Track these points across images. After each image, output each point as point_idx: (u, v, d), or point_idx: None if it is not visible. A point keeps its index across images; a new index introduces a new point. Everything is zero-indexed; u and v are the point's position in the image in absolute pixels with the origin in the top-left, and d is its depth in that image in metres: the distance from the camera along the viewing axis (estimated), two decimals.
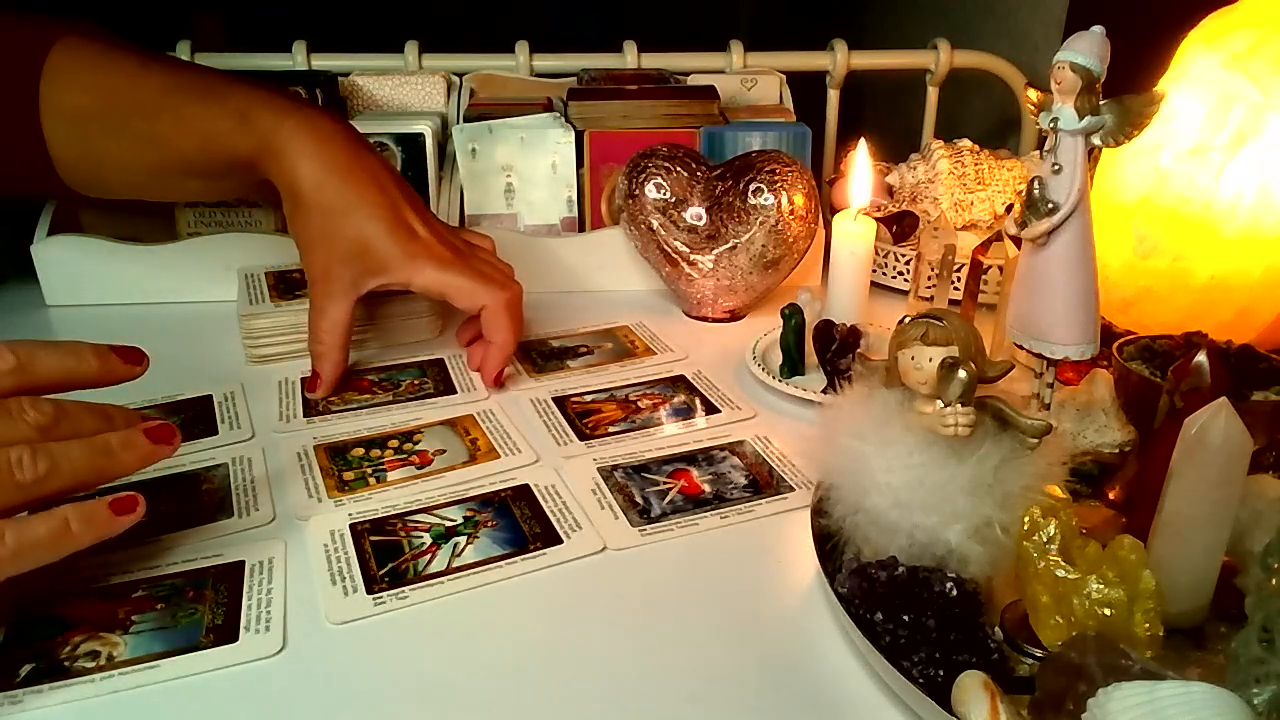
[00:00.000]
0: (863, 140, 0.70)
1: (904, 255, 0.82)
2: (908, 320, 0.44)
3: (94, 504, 0.42)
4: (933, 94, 1.03)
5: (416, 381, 0.67)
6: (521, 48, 0.96)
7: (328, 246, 0.63)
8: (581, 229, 0.84)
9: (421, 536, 0.51)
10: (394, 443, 0.60)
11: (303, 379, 0.67)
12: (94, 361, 0.46)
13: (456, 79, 0.93)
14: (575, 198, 0.83)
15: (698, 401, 0.65)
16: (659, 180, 0.75)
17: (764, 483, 0.56)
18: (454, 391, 0.66)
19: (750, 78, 0.95)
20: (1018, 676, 0.41)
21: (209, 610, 0.45)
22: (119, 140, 0.64)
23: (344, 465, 0.57)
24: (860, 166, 0.68)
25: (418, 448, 0.59)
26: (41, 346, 0.45)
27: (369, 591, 0.47)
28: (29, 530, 0.40)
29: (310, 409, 0.63)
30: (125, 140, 0.64)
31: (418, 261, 0.63)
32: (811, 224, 0.75)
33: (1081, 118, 0.46)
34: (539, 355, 0.72)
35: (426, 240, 0.64)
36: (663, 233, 0.75)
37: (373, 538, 0.51)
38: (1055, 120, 0.46)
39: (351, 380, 0.67)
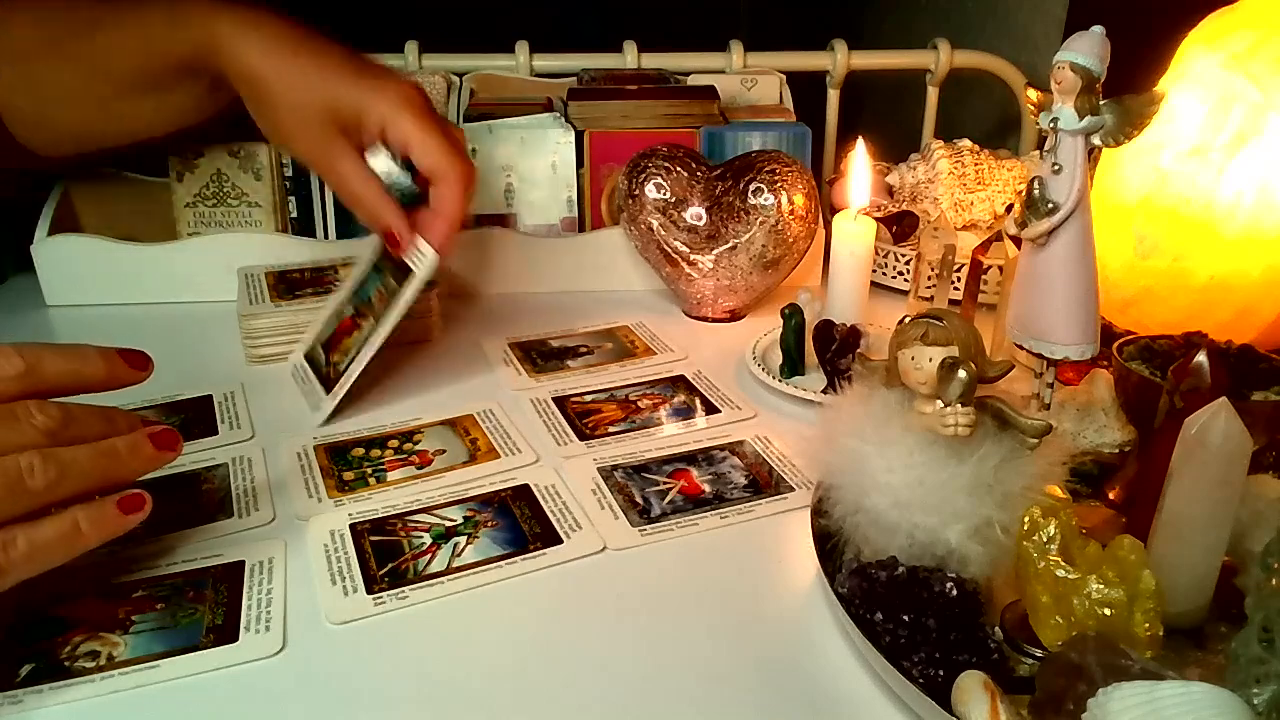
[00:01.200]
0: (861, 141, 0.70)
1: (904, 255, 0.82)
2: (908, 320, 0.44)
3: (102, 504, 0.43)
4: (933, 94, 1.03)
5: (382, 288, 0.65)
6: (521, 48, 0.96)
7: (304, 123, 0.62)
8: (581, 229, 0.84)
9: (421, 536, 0.51)
10: (394, 443, 0.60)
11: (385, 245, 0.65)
12: (100, 365, 0.46)
13: (456, 79, 0.92)
14: (575, 198, 0.83)
15: (698, 401, 0.65)
16: (659, 180, 0.75)
17: (764, 483, 0.56)
18: (409, 270, 0.63)
19: (750, 78, 0.95)
20: (1018, 676, 0.41)
21: (209, 610, 0.45)
22: (62, 70, 0.64)
23: (344, 465, 0.57)
24: (859, 167, 0.68)
25: (418, 448, 0.59)
26: (48, 350, 0.44)
27: (369, 591, 0.47)
28: (40, 533, 0.41)
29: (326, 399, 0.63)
30: (68, 69, 0.64)
31: (385, 86, 0.62)
32: (811, 224, 0.75)
33: (1081, 118, 0.46)
34: (539, 355, 0.72)
35: (384, 68, 0.64)
36: (663, 233, 0.75)
37: (373, 538, 0.51)
38: (1055, 120, 0.46)
39: (334, 340, 0.66)
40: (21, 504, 0.41)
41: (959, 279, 0.76)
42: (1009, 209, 0.68)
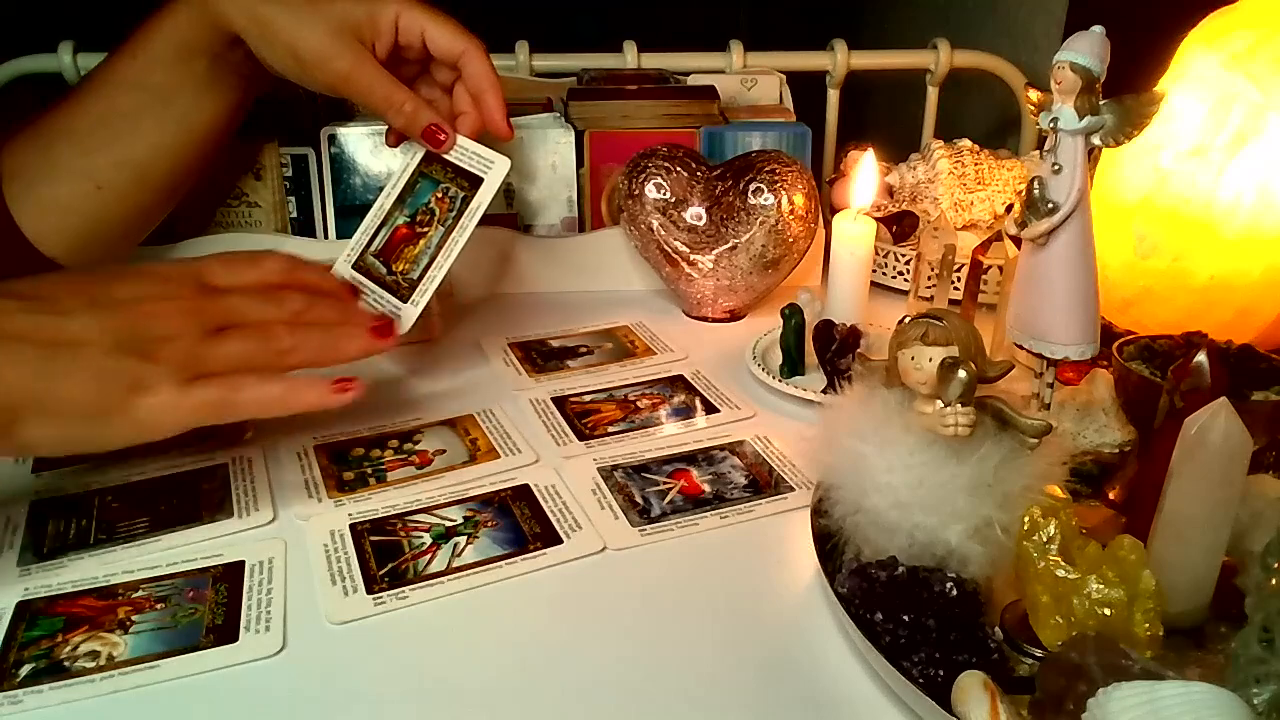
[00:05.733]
0: (870, 150, 0.70)
1: (904, 255, 0.82)
2: (908, 320, 0.44)
3: (320, 380, 0.51)
4: (933, 94, 1.03)
5: (440, 195, 0.66)
6: (521, 48, 0.96)
7: (321, 45, 0.62)
8: (581, 229, 0.84)
9: (421, 536, 0.51)
10: (394, 443, 0.60)
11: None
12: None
13: None
14: (575, 198, 0.83)
15: (697, 401, 0.65)
16: (659, 180, 0.75)
17: (764, 483, 0.56)
18: (472, 175, 0.64)
19: (750, 78, 0.94)
20: (1018, 676, 0.41)
21: (209, 610, 0.45)
22: (102, 167, 0.65)
23: (344, 465, 0.57)
24: (866, 173, 0.68)
25: (418, 448, 0.59)
26: (303, 262, 0.56)
27: (369, 591, 0.47)
28: (267, 386, 0.49)
29: None
30: (113, 169, 0.65)
31: None
32: (811, 224, 0.75)
33: (1081, 118, 0.46)
34: (539, 355, 0.72)
35: None
36: (663, 233, 0.75)
37: (373, 538, 0.51)
38: (1055, 120, 0.46)
39: (390, 250, 0.66)
40: (261, 360, 0.50)
41: (959, 279, 0.76)
42: (1009, 209, 0.68)
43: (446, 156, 0.66)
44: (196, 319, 0.49)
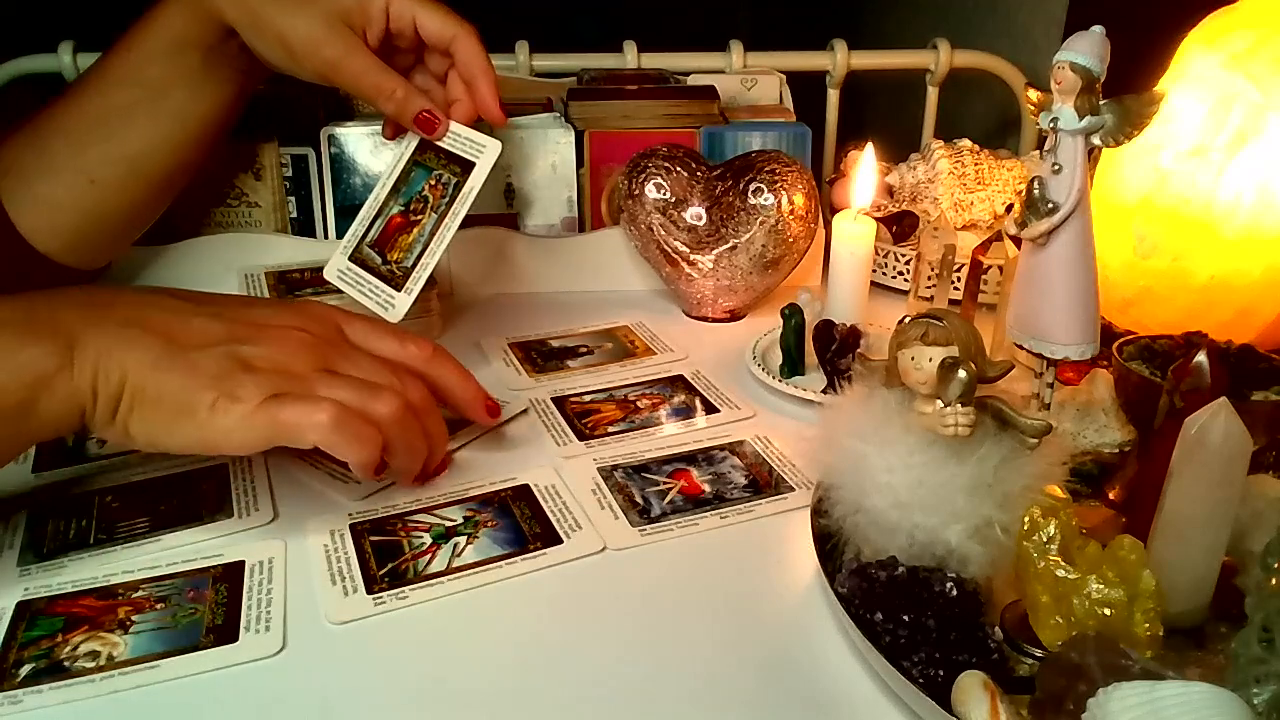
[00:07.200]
0: (870, 145, 0.70)
1: (904, 255, 0.82)
2: (908, 320, 0.44)
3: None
4: (933, 94, 1.03)
5: (433, 182, 0.66)
6: (521, 48, 0.96)
7: (313, 33, 0.62)
8: (581, 229, 0.84)
9: (421, 536, 0.51)
10: None
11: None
12: (473, 394, 0.56)
13: None
14: (575, 198, 0.83)
15: (697, 401, 0.65)
16: (659, 180, 0.75)
17: (764, 483, 0.56)
18: (464, 161, 0.64)
19: (750, 78, 0.94)
20: (1018, 676, 0.41)
21: (209, 610, 0.45)
22: (100, 167, 0.65)
23: (343, 466, 0.57)
24: (865, 170, 0.68)
25: None
26: (451, 359, 0.56)
27: (369, 591, 0.47)
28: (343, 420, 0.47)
29: None
30: (108, 165, 0.65)
31: None
32: (811, 224, 0.75)
33: (1081, 118, 0.46)
34: (539, 355, 0.72)
35: None
36: (663, 233, 0.75)
37: (373, 538, 0.51)
38: (1055, 120, 0.46)
39: (385, 240, 0.66)
40: (358, 401, 0.48)
41: (959, 279, 0.76)
42: (1009, 209, 0.68)
43: (440, 143, 0.66)
44: (312, 355, 0.49)
